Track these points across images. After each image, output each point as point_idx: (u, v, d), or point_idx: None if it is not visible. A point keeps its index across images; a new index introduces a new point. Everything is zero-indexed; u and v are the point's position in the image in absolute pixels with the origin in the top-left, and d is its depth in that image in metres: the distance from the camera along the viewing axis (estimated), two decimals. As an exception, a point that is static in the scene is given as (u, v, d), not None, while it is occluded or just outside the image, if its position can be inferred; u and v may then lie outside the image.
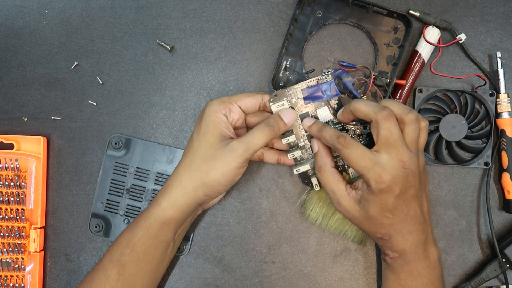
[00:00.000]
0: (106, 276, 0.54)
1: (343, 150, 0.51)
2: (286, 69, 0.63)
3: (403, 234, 0.51)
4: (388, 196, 0.50)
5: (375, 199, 0.50)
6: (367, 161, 0.50)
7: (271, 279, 0.63)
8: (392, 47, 0.62)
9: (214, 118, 0.54)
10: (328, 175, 0.54)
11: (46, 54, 0.65)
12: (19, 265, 0.63)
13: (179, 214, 0.55)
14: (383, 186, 0.49)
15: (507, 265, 0.60)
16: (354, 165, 0.50)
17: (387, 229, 0.52)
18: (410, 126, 0.51)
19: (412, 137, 0.51)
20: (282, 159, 0.60)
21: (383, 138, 0.50)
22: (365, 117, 0.52)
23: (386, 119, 0.50)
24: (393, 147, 0.49)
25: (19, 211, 0.63)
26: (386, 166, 0.49)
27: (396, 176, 0.49)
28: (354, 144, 0.51)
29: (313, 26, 0.63)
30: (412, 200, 0.51)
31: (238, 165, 0.53)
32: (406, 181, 0.50)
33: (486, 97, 0.61)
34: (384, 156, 0.50)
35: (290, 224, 0.63)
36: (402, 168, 0.49)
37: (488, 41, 0.63)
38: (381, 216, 0.51)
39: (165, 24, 0.65)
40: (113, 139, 0.64)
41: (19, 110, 0.65)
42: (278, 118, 0.55)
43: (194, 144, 0.55)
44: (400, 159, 0.49)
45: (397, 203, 0.50)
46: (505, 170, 0.61)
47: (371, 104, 0.52)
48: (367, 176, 0.50)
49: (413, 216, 0.51)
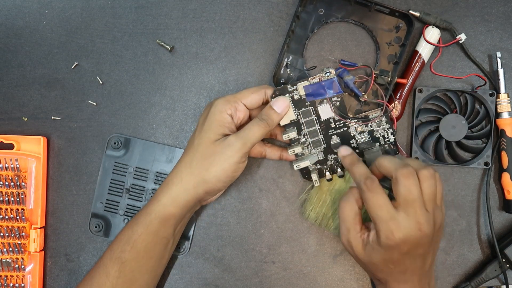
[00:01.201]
0: (107, 273, 0.54)
1: (367, 193, 0.50)
2: (287, 66, 0.63)
3: (399, 282, 0.52)
4: (394, 252, 0.50)
5: (380, 250, 0.50)
6: (385, 213, 0.49)
7: (271, 279, 0.63)
8: (393, 46, 0.62)
9: (219, 117, 0.55)
10: (352, 212, 0.53)
11: (46, 54, 0.65)
12: (19, 265, 0.63)
13: (179, 211, 0.55)
14: (392, 243, 0.49)
15: (507, 265, 0.60)
16: (371, 211, 0.50)
17: (385, 275, 0.52)
18: (425, 181, 0.50)
19: (429, 194, 0.50)
20: (285, 155, 0.60)
21: (402, 196, 0.49)
22: (387, 173, 0.51)
23: (406, 177, 0.49)
24: (412, 207, 0.49)
25: (19, 211, 0.63)
26: (402, 224, 0.49)
27: (409, 236, 0.49)
28: (379, 191, 0.50)
29: (315, 24, 0.63)
30: (417, 257, 0.51)
31: (237, 159, 0.53)
32: (417, 242, 0.49)
33: (486, 97, 0.61)
34: (402, 214, 0.49)
35: (290, 224, 0.63)
36: (417, 230, 0.49)
37: (488, 41, 0.63)
38: (382, 265, 0.51)
39: (165, 24, 0.65)
40: (112, 139, 0.64)
41: (19, 110, 0.65)
42: (269, 109, 0.56)
43: (195, 142, 0.55)
44: (417, 220, 0.49)
45: (402, 258, 0.50)
46: (505, 170, 0.61)
47: (394, 161, 0.51)
48: (379, 227, 0.49)
49: (414, 269, 0.51)
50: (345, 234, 0.53)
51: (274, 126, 0.56)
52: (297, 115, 0.58)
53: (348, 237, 0.53)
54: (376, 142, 0.59)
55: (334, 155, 0.59)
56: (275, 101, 0.56)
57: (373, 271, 0.53)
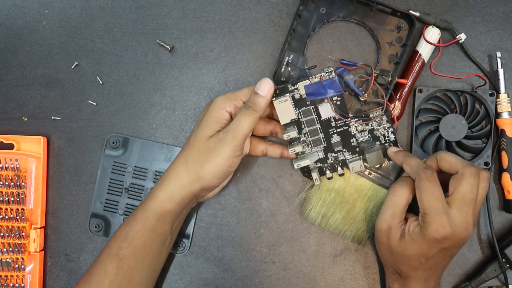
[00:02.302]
0: (105, 271, 0.54)
1: (426, 182, 0.50)
2: (288, 64, 0.63)
3: (419, 280, 0.52)
4: (435, 246, 0.50)
5: (422, 243, 0.50)
6: (440, 205, 0.49)
7: (271, 279, 0.63)
8: (394, 46, 0.62)
9: (217, 114, 0.55)
10: (405, 200, 0.53)
11: (46, 54, 0.65)
12: (19, 265, 0.63)
13: (176, 207, 0.55)
14: (438, 237, 0.49)
15: (507, 265, 0.60)
16: (425, 201, 0.50)
17: (410, 270, 0.52)
18: (482, 183, 0.51)
19: (482, 196, 0.51)
20: (286, 153, 0.60)
21: (462, 193, 0.49)
22: (451, 168, 0.52)
23: (473, 176, 0.50)
24: (467, 206, 0.49)
25: (19, 211, 0.63)
26: (453, 220, 0.49)
27: (456, 234, 0.49)
28: (438, 183, 0.50)
29: (317, 23, 0.63)
30: (449, 257, 0.52)
31: (230, 153, 0.53)
32: (458, 241, 0.50)
33: (486, 97, 0.61)
34: (454, 211, 0.49)
35: (290, 224, 0.63)
36: (464, 230, 0.49)
37: (488, 41, 0.63)
38: (415, 258, 0.51)
39: (165, 24, 0.65)
40: (111, 138, 0.64)
41: (19, 110, 0.65)
42: (254, 95, 0.54)
43: (192, 138, 0.55)
44: (467, 220, 0.49)
45: (437, 254, 0.51)
46: (505, 170, 0.61)
47: (460, 158, 0.52)
48: (430, 218, 0.49)
49: (438, 268, 0.52)
50: (388, 220, 0.53)
51: (262, 111, 0.54)
52: (298, 114, 0.58)
53: (391, 224, 0.52)
54: (377, 141, 0.59)
55: (334, 153, 0.59)
56: (259, 85, 0.54)
57: (399, 264, 0.53)
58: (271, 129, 0.60)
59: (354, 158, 0.59)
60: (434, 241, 0.49)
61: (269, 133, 0.61)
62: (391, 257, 0.54)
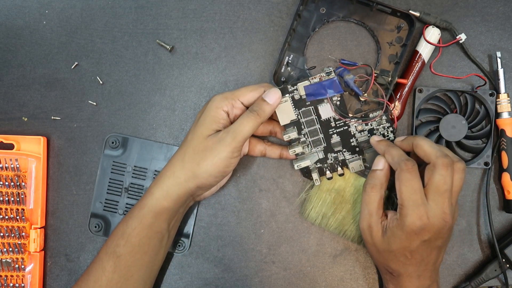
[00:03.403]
0: (103, 269, 0.54)
1: (405, 173, 0.50)
2: (288, 64, 0.63)
3: (411, 277, 0.52)
4: (416, 238, 0.50)
5: (402, 236, 0.50)
6: (418, 198, 0.49)
7: (271, 279, 0.63)
8: (394, 46, 0.62)
9: (214, 113, 0.55)
10: (377, 196, 0.53)
11: (46, 54, 0.65)
12: (19, 265, 0.63)
13: (172, 205, 0.55)
14: (416, 229, 0.49)
15: (507, 265, 0.60)
16: (404, 192, 0.50)
17: (399, 267, 0.52)
18: (457, 174, 0.51)
19: (457, 187, 0.51)
20: (285, 153, 0.60)
21: (435, 184, 0.50)
22: (425, 156, 0.52)
23: (445, 167, 0.50)
24: (442, 197, 0.49)
25: (19, 211, 0.63)
26: (429, 211, 0.49)
27: (433, 225, 0.49)
28: (418, 175, 0.50)
29: (317, 23, 0.63)
30: (434, 249, 0.52)
31: (228, 154, 0.53)
32: (438, 232, 0.50)
33: (486, 97, 0.61)
34: (430, 202, 0.50)
35: (290, 224, 0.63)
36: (441, 220, 0.50)
37: (488, 41, 0.63)
38: (400, 253, 0.51)
39: (165, 24, 0.65)
40: (110, 138, 0.64)
41: (19, 110, 0.65)
42: (261, 101, 0.55)
43: (189, 136, 0.55)
44: (443, 210, 0.50)
45: (420, 248, 0.51)
46: (505, 170, 0.61)
47: (434, 146, 0.52)
48: (407, 211, 0.50)
49: (428, 263, 0.52)
50: (366, 218, 0.53)
51: (266, 118, 0.55)
52: (297, 115, 0.58)
53: (370, 222, 0.53)
54: None
55: (334, 153, 0.59)
56: (267, 93, 0.55)
57: (387, 262, 0.53)
58: (271, 129, 0.60)
59: (354, 158, 0.59)
60: (412, 233, 0.50)
61: (268, 133, 0.61)
62: (379, 256, 0.54)
